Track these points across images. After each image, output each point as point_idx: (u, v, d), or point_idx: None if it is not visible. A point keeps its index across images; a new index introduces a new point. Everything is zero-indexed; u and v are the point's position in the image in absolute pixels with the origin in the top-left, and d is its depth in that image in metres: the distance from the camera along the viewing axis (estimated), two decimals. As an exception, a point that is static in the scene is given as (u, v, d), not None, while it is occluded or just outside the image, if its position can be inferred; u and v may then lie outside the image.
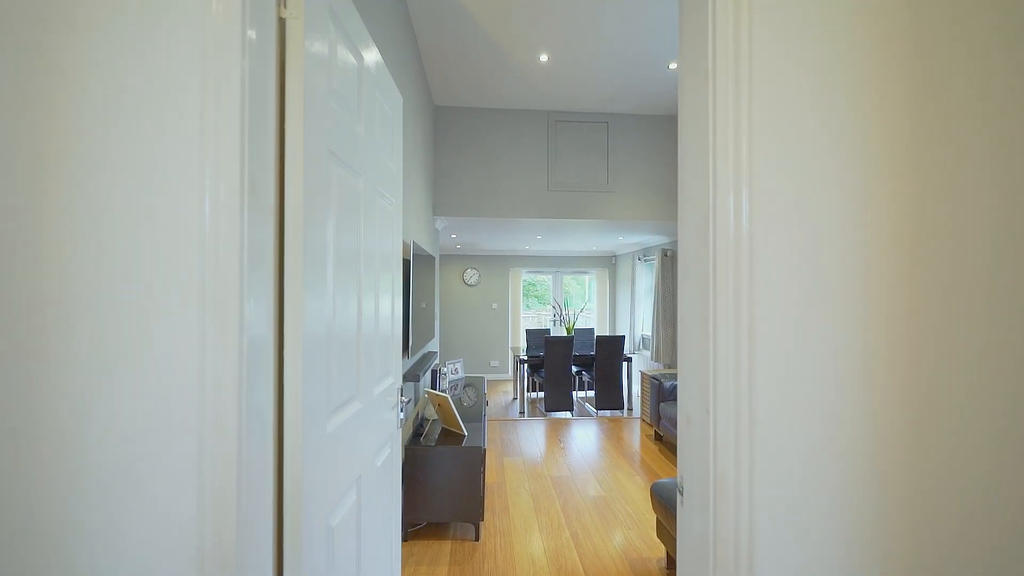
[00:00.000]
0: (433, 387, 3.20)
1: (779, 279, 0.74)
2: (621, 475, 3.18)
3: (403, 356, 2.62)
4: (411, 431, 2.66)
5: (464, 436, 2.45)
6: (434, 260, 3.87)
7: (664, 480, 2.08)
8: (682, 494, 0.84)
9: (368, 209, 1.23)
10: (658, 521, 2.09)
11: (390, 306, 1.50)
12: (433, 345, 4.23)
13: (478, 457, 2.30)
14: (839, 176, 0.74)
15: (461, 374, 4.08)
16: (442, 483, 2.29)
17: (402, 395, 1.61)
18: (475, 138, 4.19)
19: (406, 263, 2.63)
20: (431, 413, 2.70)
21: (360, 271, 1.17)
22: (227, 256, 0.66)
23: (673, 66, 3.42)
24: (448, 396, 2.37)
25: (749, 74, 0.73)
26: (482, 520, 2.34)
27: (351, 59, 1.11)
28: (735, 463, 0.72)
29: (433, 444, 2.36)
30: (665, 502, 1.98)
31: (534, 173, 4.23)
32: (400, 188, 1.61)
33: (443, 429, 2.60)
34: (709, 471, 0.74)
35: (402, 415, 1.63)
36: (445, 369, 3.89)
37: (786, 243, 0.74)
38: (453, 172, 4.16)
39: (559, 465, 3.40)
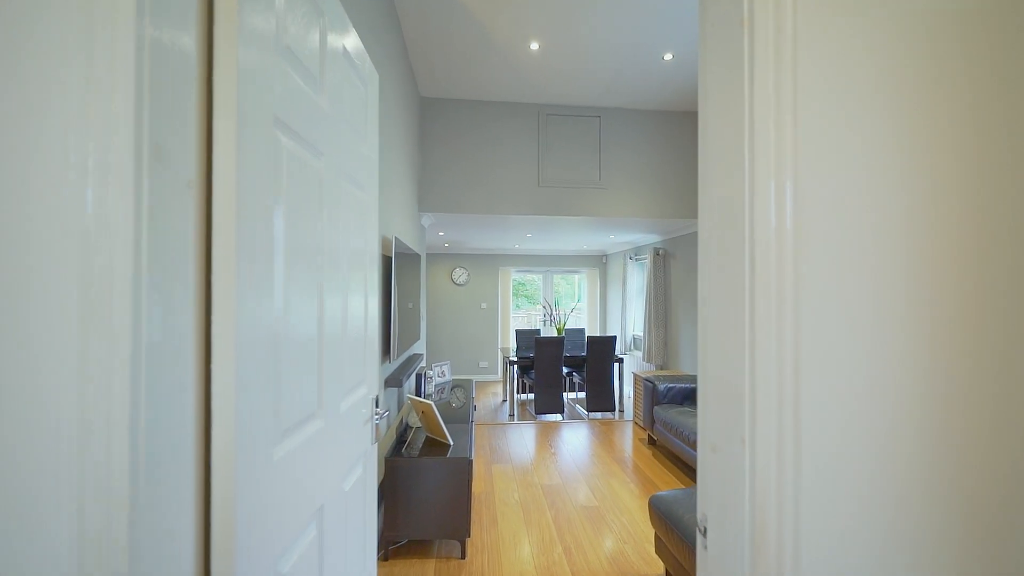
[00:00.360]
0: (418, 391, 3.03)
1: (829, 281, 0.60)
2: (615, 483, 3.04)
3: (384, 360, 2.44)
4: (394, 438, 2.49)
5: (450, 446, 2.29)
6: (420, 258, 3.70)
7: (663, 493, 1.94)
8: (704, 535, 0.70)
9: (333, 196, 1.06)
10: (657, 537, 1.96)
11: (364, 307, 1.33)
12: (419, 347, 4.05)
13: (464, 469, 2.14)
14: (908, 158, 0.60)
15: (448, 377, 3.91)
16: (425, 497, 2.12)
17: (378, 406, 1.44)
18: (463, 131, 4.03)
19: (387, 260, 2.45)
20: (415, 420, 2.53)
21: (323, 267, 1.00)
22: (115, 241, 0.49)
23: (668, 57, 3.30)
24: (432, 404, 2.21)
25: (793, 20, 0.59)
26: (468, 536, 2.18)
27: (312, 15, 0.94)
28: (777, 505, 0.57)
29: (416, 455, 2.19)
30: (664, 516, 1.85)
31: (524, 168, 4.07)
32: (376, 177, 1.45)
33: (427, 438, 2.44)
34: (743, 513, 0.59)
35: (380, 422, 1.46)
36: (431, 372, 3.72)
37: (838, 238, 0.60)
38: (440, 166, 3.99)
39: (550, 472, 3.25)
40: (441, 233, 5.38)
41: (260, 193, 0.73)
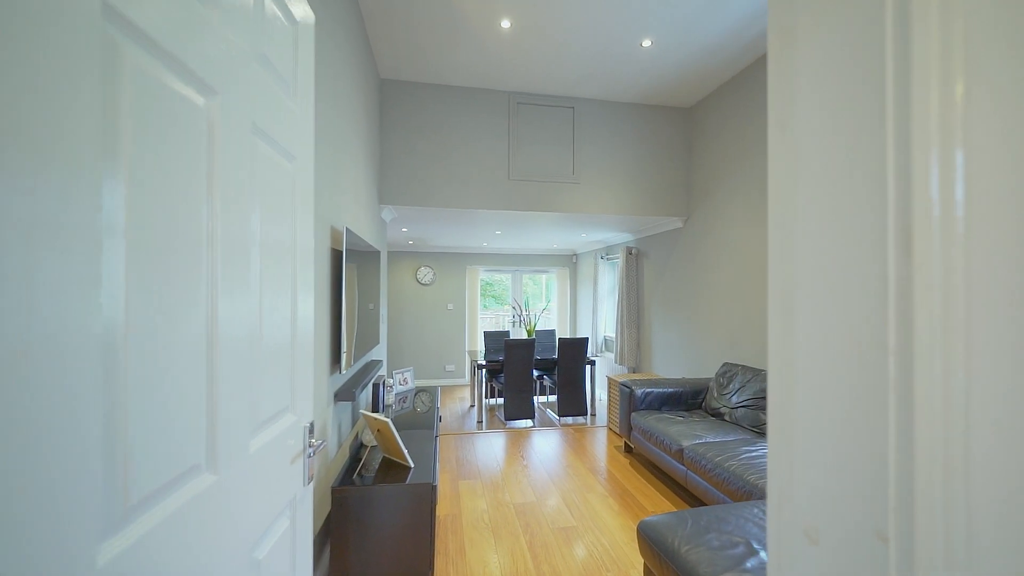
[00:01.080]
0: (376, 403, 2.70)
1: (1011, 278, 0.36)
2: (593, 498, 2.82)
3: (334, 371, 2.12)
4: (347, 457, 2.17)
5: (410, 468, 1.99)
6: (379, 255, 3.37)
7: (652, 519, 1.72)
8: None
9: (234, 157, 0.76)
10: (646, 567, 1.73)
11: (291, 311, 1.02)
12: (379, 352, 3.71)
13: (427, 496, 1.85)
14: None
15: (411, 384, 3.59)
16: (381, 532, 1.82)
17: (313, 434, 1.14)
18: (428, 118, 3.72)
19: (336, 255, 2.13)
20: (370, 439, 2.22)
21: (217, 249, 0.70)
22: None
23: (646, 43, 3.12)
24: (389, 421, 1.91)
25: None
26: (432, 572, 1.89)
27: None
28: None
29: (370, 481, 1.88)
30: (656, 546, 1.62)
31: (494, 160, 3.81)
32: (311, 146, 1.14)
33: (385, 458, 2.13)
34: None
35: (316, 456, 1.16)
36: (392, 380, 3.39)
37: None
38: (403, 156, 3.66)
39: (522, 487, 3.00)
40: (404, 229, 5.03)
41: (76, 133, 0.43)
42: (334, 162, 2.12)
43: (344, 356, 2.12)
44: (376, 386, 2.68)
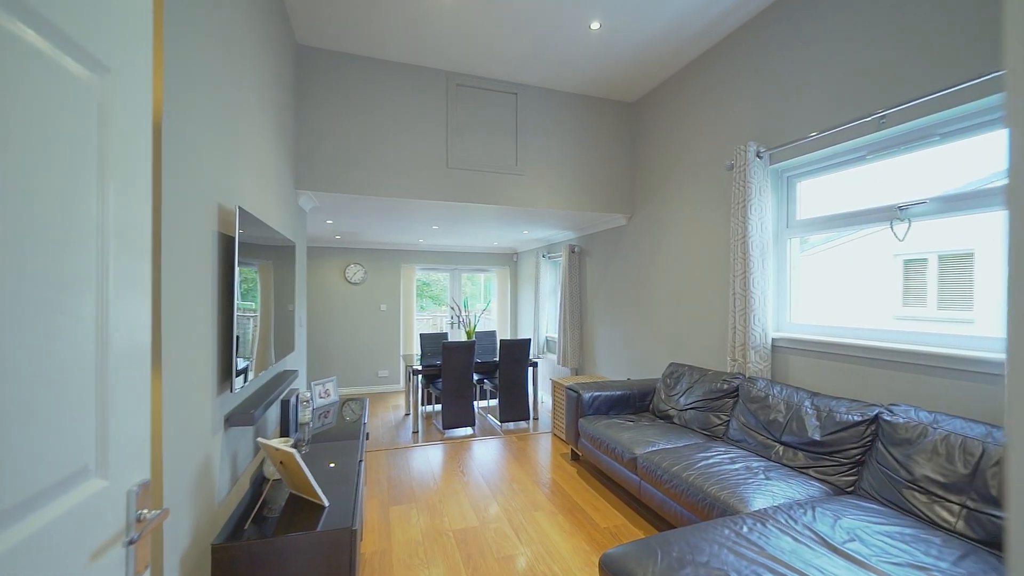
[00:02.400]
0: (286, 423, 2.25)
1: None
2: (541, 517, 2.57)
3: (223, 390, 1.67)
4: (247, 494, 1.73)
5: (324, 508, 1.61)
6: (295, 249, 2.89)
7: (616, 552, 1.49)
8: None
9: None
10: (609, 607, 1.49)
11: (97, 320, 0.64)
12: (296, 361, 3.21)
13: (345, 544, 1.48)
14: None
15: (334, 396, 3.13)
16: (282, 595, 1.42)
17: (140, 514, 0.75)
18: (355, 95, 3.28)
19: (227, 243, 1.68)
20: (273, 471, 1.79)
21: None
22: None
23: (595, 26, 2.93)
24: (295, 452, 1.51)
25: None
26: (352, 636, 1.52)
27: None
28: None
29: (270, 531, 1.47)
30: (622, 584, 1.39)
31: (431, 146, 3.45)
32: (146, 51, 0.75)
33: (293, 495, 1.72)
34: None
35: (132, 537, 0.77)
36: (310, 393, 2.92)
37: None
38: (325, 135, 3.20)
39: (463, 509, 2.68)
40: (329, 221, 4.50)
41: None
42: (227, 126, 1.68)
43: (247, 367, 1.68)
44: (287, 403, 2.23)
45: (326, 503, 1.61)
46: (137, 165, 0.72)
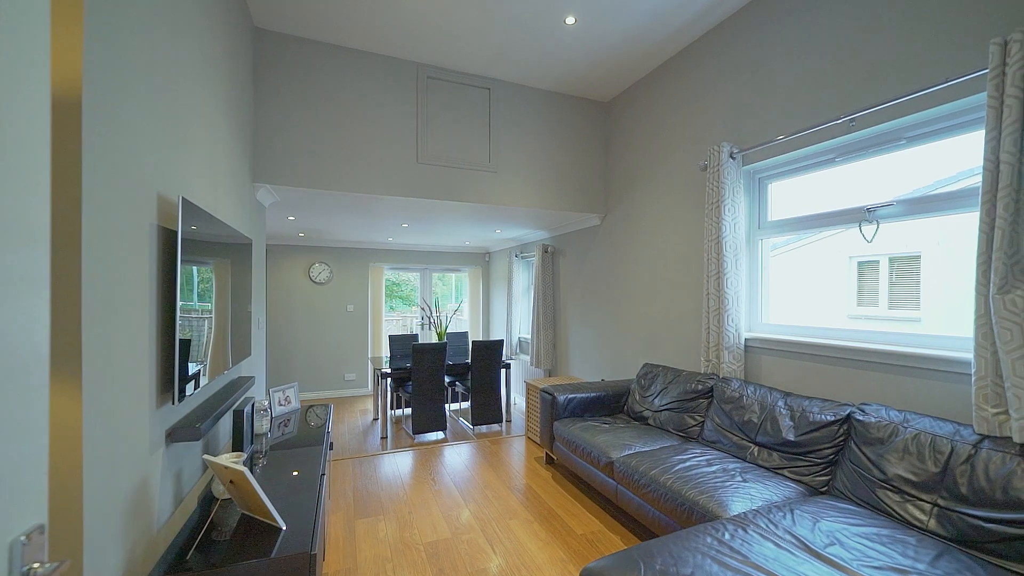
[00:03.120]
0: (240, 435, 2.07)
1: None
2: (516, 525, 2.48)
3: (164, 402, 1.50)
4: (193, 516, 1.56)
5: (281, 530, 1.46)
6: (252, 247, 2.69)
7: (596, 566, 1.42)
8: None
9: None
10: (590, 625, 1.42)
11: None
12: (254, 366, 3.00)
13: (303, 571, 1.35)
14: None
15: (295, 403, 2.95)
16: (231, 631, 1.27)
17: (28, 569, 0.62)
18: (320, 83, 3.10)
19: (169, 237, 1.51)
20: (222, 491, 1.63)
21: None
22: None
23: (570, 20, 2.87)
24: (246, 470, 1.36)
25: None
26: (311, 670, 1.39)
27: None
28: None
29: (217, 559, 1.32)
30: (604, 601, 1.31)
31: (400, 140, 3.31)
32: (41, 14, 0.62)
33: (245, 516, 1.56)
34: None
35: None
36: (268, 401, 2.73)
37: None
38: (286, 126, 3.00)
39: (434, 519, 2.56)
40: (292, 217, 4.27)
41: None
42: (171, 109, 1.50)
43: (203, 373, 1.51)
44: (241, 413, 2.05)
45: (282, 525, 1.47)
46: (28, 140, 0.58)
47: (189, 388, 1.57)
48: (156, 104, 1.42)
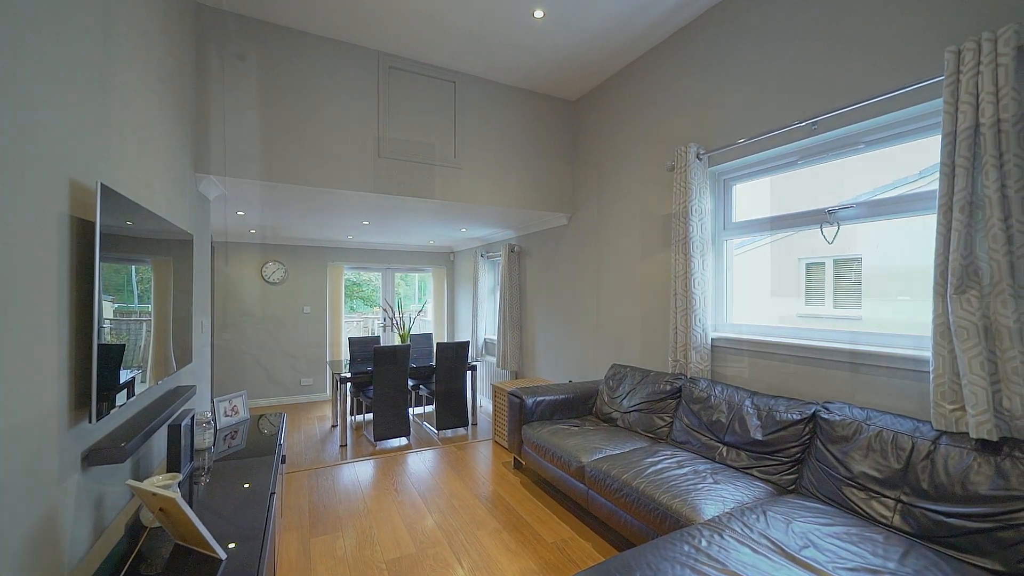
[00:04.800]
0: (178, 453, 1.85)
1: None
2: (484, 536, 2.38)
3: (80, 419, 1.29)
4: (120, 543, 1.36)
5: (221, 561, 1.30)
6: (192, 241, 2.45)
7: (575, 580, 1.34)
8: None
9: None
10: (565, 645, 1.34)
11: None
12: (196, 374, 2.74)
13: (246, 606, 1.19)
14: None
15: (244, 414, 2.72)
16: None
17: None
18: (272, 69, 2.88)
19: (87, 228, 1.31)
20: (151, 519, 1.44)
21: None
22: None
23: (538, 13, 2.80)
24: (177, 497, 1.19)
25: None
26: None
27: None
28: None
29: (141, 600, 1.14)
30: (580, 620, 1.24)
31: (360, 132, 3.13)
32: None
33: (179, 546, 1.38)
34: None
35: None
36: (212, 412, 2.50)
37: None
38: (234, 113, 2.77)
39: (397, 533, 2.42)
40: (241, 213, 3.98)
41: None
42: (89, 83, 1.30)
43: (138, 381, 1.31)
44: (177, 427, 1.84)
45: (222, 555, 1.30)
46: None
47: (121, 398, 1.37)
48: (72, 77, 1.23)
